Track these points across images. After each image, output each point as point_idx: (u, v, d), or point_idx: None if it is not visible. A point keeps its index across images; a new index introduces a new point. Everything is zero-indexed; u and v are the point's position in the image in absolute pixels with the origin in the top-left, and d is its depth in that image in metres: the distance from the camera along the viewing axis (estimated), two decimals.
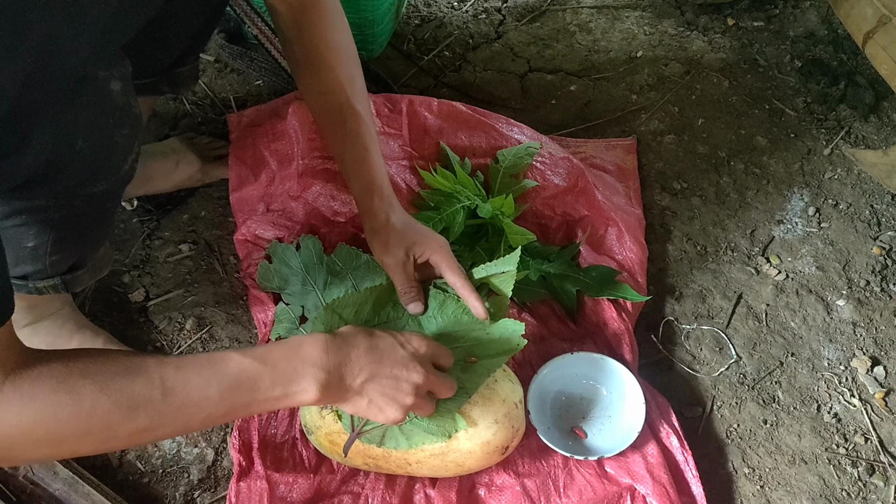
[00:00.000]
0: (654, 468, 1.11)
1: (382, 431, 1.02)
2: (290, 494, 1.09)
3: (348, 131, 1.09)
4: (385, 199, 1.08)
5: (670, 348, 1.30)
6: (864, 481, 1.19)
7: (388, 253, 1.07)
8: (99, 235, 1.06)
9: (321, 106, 1.12)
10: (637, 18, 1.84)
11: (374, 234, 1.08)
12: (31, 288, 1.02)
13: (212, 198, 1.43)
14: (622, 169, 1.51)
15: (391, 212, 1.08)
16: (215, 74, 1.61)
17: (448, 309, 1.07)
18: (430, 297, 1.08)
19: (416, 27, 1.78)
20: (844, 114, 1.66)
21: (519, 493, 1.10)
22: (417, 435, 1.02)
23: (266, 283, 1.26)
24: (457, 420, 1.01)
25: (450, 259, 1.06)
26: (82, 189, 0.89)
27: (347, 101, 1.09)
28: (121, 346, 1.22)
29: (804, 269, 1.42)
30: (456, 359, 1.03)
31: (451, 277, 1.05)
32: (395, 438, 1.02)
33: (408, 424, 1.01)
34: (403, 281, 1.07)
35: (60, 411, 0.69)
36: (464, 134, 1.41)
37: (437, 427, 1.01)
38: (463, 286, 1.05)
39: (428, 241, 1.07)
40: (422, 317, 1.08)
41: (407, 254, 1.06)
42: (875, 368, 1.31)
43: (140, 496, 1.13)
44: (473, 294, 1.05)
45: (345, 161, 1.11)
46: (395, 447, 1.03)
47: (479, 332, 1.05)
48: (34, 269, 1.00)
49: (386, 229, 1.07)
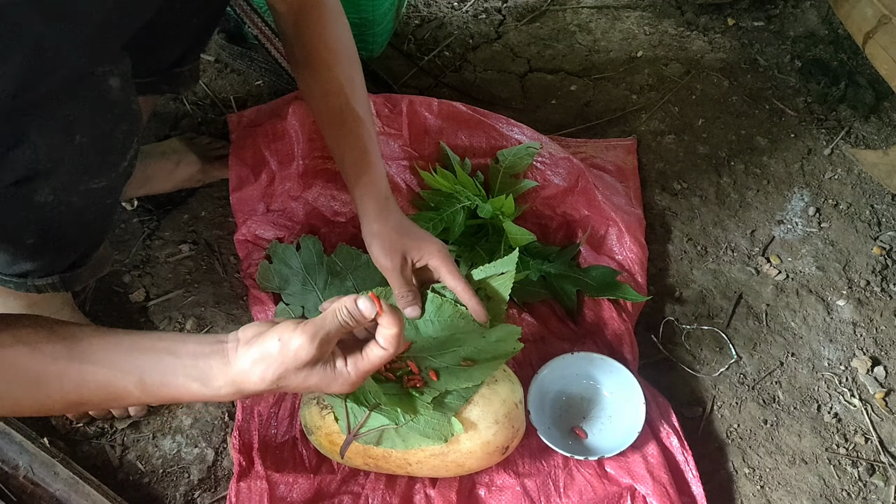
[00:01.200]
0: (654, 468, 1.11)
1: (379, 433, 1.02)
2: (290, 494, 1.08)
3: (348, 133, 1.09)
4: (383, 202, 1.08)
5: (670, 348, 1.30)
6: (864, 481, 1.19)
7: (386, 257, 1.06)
8: (98, 233, 1.06)
9: (321, 107, 1.12)
10: (637, 18, 1.84)
11: (371, 237, 1.08)
12: (30, 286, 1.02)
13: (212, 198, 1.43)
14: (622, 169, 1.51)
15: (389, 215, 1.08)
16: (215, 74, 1.61)
17: (445, 313, 1.07)
18: (428, 302, 1.08)
19: (416, 27, 1.78)
20: (845, 114, 1.65)
21: (519, 493, 1.10)
22: (413, 438, 1.02)
23: (266, 283, 1.26)
24: (453, 424, 1.01)
25: (449, 263, 1.06)
26: (81, 185, 0.89)
27: (347, 102, 1.09)
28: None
29: (804, 269, 1.42)
30: (453, 363, 1.03)
31: (451, 281, 1.05)
32: (391, 439, 1.02)
33: (404, 427, 1.01)
34: (401, 285, 1.07)
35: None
36: (464, 134, 1.41)
37: (433, 431, 1.01)
38: (463, 290, 1.05)
39: (426, 245, 1.07)
40: (419, 321, 1.08)
41: (405, 258, 1.06)
42: (875, 368, 1.31)
43: (140, 496, 1.13)
44: (474, 298, 1.05)
45: (344, 163, 1.11)
46: (391, 447, 1.03)
47: (476, 335, 1.05)
48: (34, 267, 1.00)
49: (383, 233, 1.07)
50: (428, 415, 1.01)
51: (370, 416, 1.01)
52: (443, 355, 1.04)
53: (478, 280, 1.10)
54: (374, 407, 1.00)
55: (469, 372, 1.03)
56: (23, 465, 1.08)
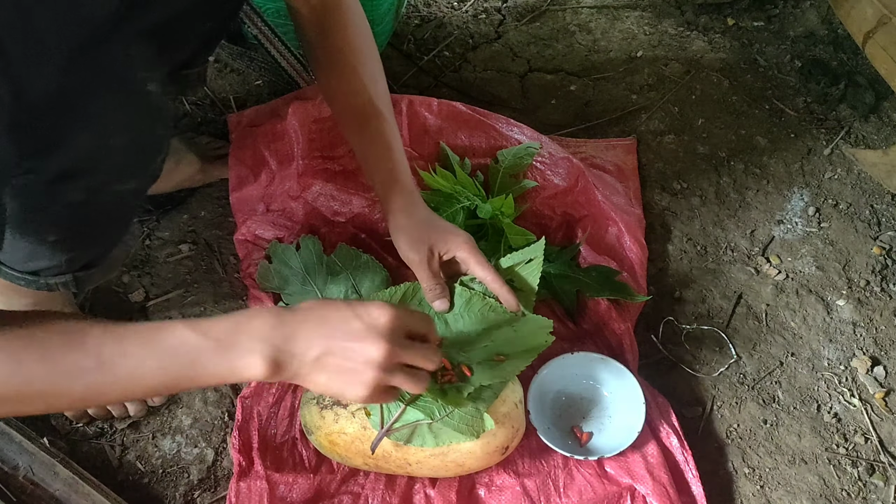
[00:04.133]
0: (654, 468, 1.11)
1: (411, 429, 1.01)
2: (289, 494, 1.08)
3: (371, 131, 1.10)
4: (408, 195, 1.09)
5: (670, 348, 1.30)
6: (864, 481, 1.19)
7: (413, 250, 1.06)
8: (118, 233, 1.07)
9: (344, 106, 1.13)
10: (637, 18, 1.84)
11: (398, 231, 1.08)
12: (41, 284, 1.02)
13: (212, 198, 1.43)
14: (622, 169, 1.51)
15: (414, 209, 1.08)
16: (215, 74, 1.61)
17: (475, 306, 1.07)
18: (456, 295, 1.08)
19: (415, 27, 1.78)
20: (844, 114, 1.66)
21: (519, 493, 1.10)
22: (446, 433, 1.01)
23: (266, 283, 1.26)
24: (485, 420, 1.00)
25: (477, 254, 1.06)
26: (113, 186, 0.91)
27: (370, 101, 1.10)
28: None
29: (804, 269, 1.42)
30: (484, 357, 1.03)
31: (481, 272, 1.05)
32: (422, 437, 1.01)
33: (437, 423, 1.00)
34: (429, 278, 1.07)
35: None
36: (464, 134, 1.41)
37: (466, 426, 1.00)
38: (493, 280, 1.05)
39: (453, 238, 1.07)
40: (448, 315, 1.07)
41: (431, 251, 1.06)
42: (875, 368, 1.31)
43: (140, 496, 1.13)
44: (505, 287, 1.05)
45: (367, 160, 1.11)
46: (421, 445, 1.02)
47: (506, 329, 1.05)
48: (49, 265, 1.00)
49: (410, 226, 1.07)
50: (463, 410, 1.00)
51: (405, 410, 1.00)
52: (475, 350, 1.04)
53: (506, 269, 1.10)
54: (410, 401, 0.99)
55: (502, 366, 1.02)
56: (22, 465, 1.08)
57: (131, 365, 0.74)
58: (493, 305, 1.06)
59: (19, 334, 0.71)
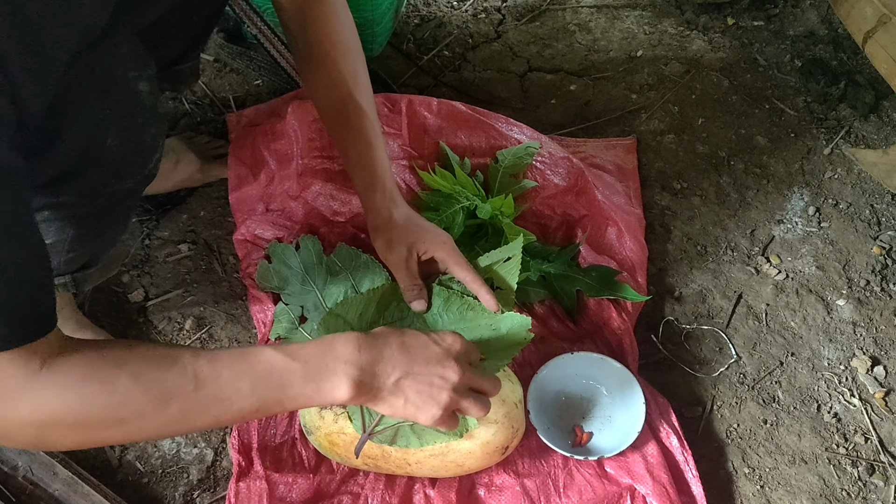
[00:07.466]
0: (654, 468, 1.11)
1: (394, 431, 1.02)
2: (289, 495, 1.08)
3: (351, 126, 1.09)
4: (388, 194, 1.08)
5: (670, 348, 1.30)
6: (864, 481, 1.19)
7: (391, 250, 1.06)
8: (115, 234, 1.07)
9: (325, 100, 1.11)
10: (637, 18, 1.84)
11: (376, 230, 1.08)
12: None
13: (211, 197, 1.43)
14: (622, 169, 1.51)
15: (394, 208, 1.08)
16: (215, 74, 1.61)
17: (453, 306, 1.07)
18: (434, 295, 1.08)
19: (415, 27, 1.78)
20: (844, 113, 1.65)
21: (519, 493, 1.10)
22: (428, 433, 1.01)
23: (265, 282, 1.26)
24: (468, 419, 1.01)
25: (455, 254, 1.06)
26: (108, 187, 0.90)
27: (350, 95, 1.09)
28: None
29: (804, 269, 1.42)
30: None
31: (459, 272, 1.05)
32: (406, 437, 1.02)
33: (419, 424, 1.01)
34: (407, 278, 1.06)
35: (91, 400, 0.70)
36: (463, 134, 1.41)
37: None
38: (472, 280, 1.04)
39: (431, 238, 1.07)
40: (427, 315, 1.07)
41: (410, 251, 1.06)
42: (875, 368, 1.30)
43: (140, 496, 1.13)
44: (484, 287, 1.04)
45: (348, 156, 1.11)
46: (405, 446, 1.02)
47: (485, 328, 1.05)
48: None
49: (388, 226, 1.07)
50: None
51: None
52: None
53: (484, 268, 1.09)
54: None
55: (482, 365, 1.02)
56: (22, 465, 1.08)
57: (224, 387, 0.75)
58: (471, 304, 1.06)
59: (108, 357, 0.71)
